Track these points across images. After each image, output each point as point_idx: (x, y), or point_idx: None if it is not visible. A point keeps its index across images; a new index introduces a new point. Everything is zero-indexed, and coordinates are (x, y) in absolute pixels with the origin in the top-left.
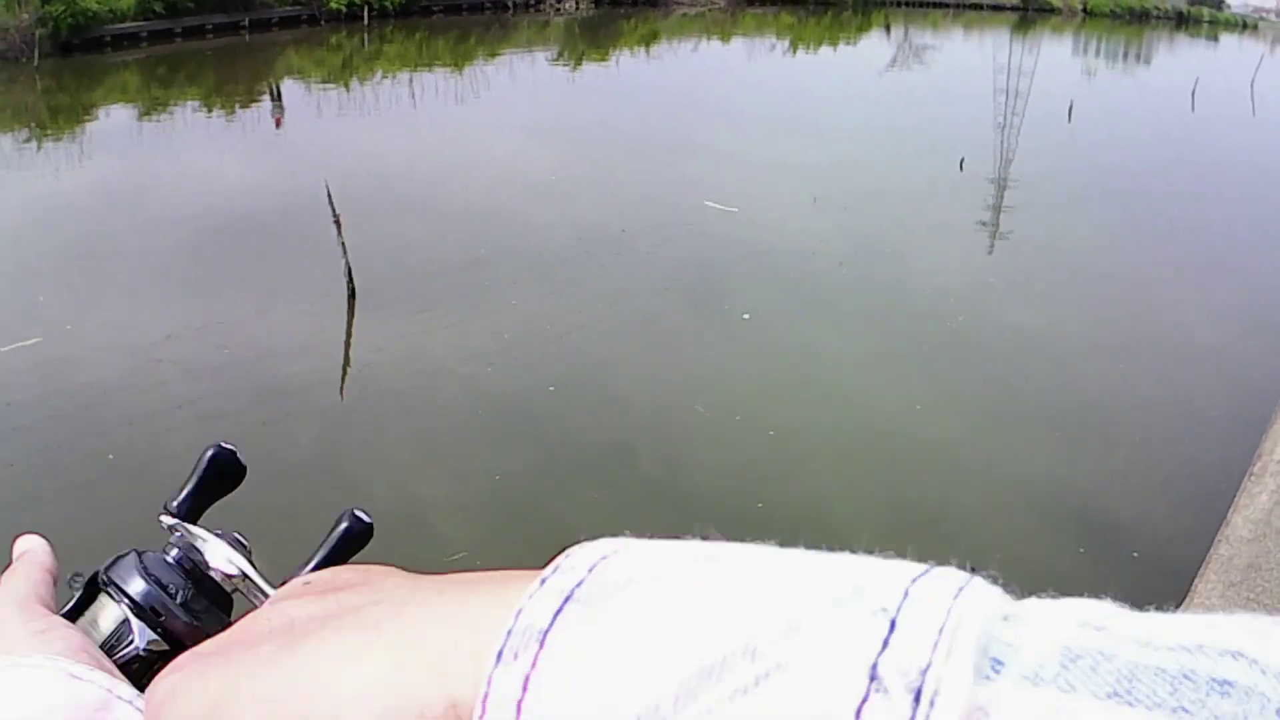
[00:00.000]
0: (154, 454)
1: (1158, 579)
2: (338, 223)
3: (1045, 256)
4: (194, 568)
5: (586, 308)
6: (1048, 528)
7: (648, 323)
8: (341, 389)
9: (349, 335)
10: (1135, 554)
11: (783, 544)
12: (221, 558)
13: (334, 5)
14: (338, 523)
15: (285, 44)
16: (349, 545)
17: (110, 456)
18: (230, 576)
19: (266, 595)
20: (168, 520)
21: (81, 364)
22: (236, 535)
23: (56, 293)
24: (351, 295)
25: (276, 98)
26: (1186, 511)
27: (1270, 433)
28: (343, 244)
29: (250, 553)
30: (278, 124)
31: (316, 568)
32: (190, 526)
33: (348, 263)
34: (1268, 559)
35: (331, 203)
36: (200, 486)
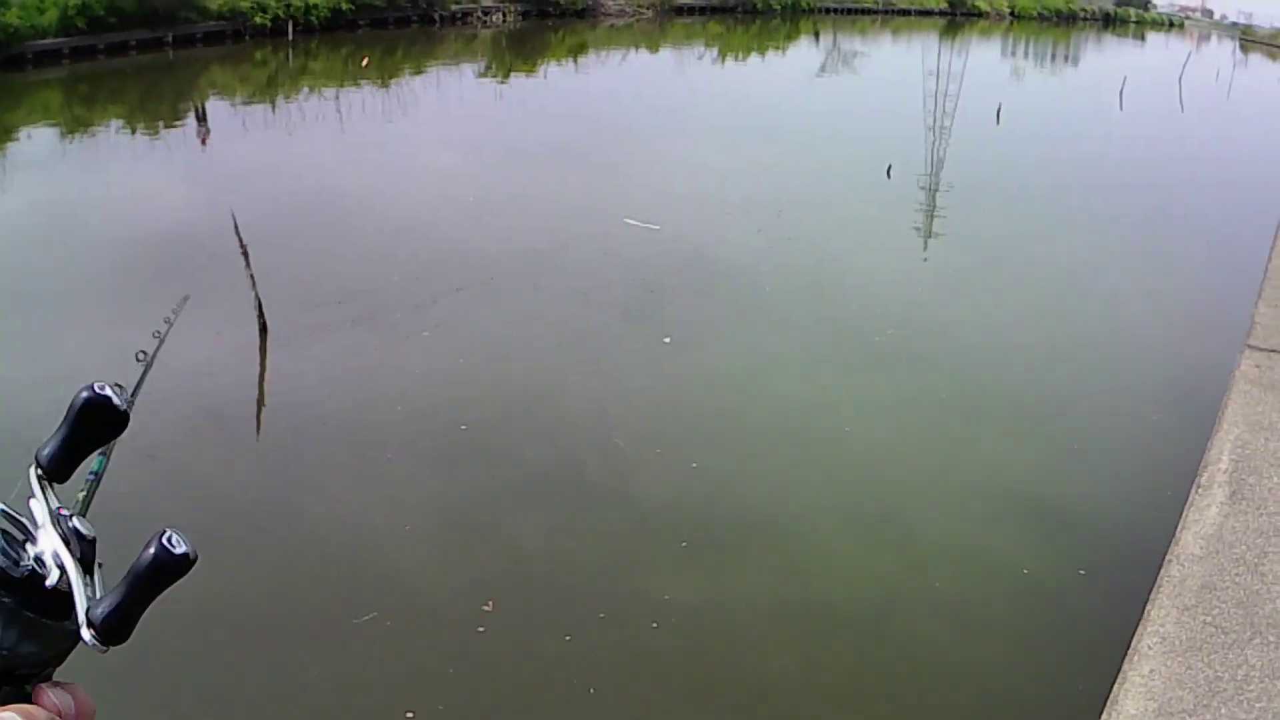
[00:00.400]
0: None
1: (1107, 600)
2: (245, 255)
3: (980, 257)
4: (2, 573)
5: (508, 334)
6: (990, 545)
7: (572, 349)
8: (257, 427)
9: (262, 371)
10: (1081, 571)
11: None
12: (48, 553)
13: (258, 20)
14: (145, 548)
15: (210, 60)
16: (159, 577)
17: None
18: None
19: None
20: (32, 477)
21: None
22: (76, 525)
23: None
24: (263, 330)
25: (201, 117)
26: (1133, 522)
27: (1214, 440)
28: (251, 277)
29: (94, 544)
30: (203, 143)
31: (123, 600)
32: (41, 498)
33: (257, 296)
34: (1222, 577)
35: (239, 234)
36: (70, 437)
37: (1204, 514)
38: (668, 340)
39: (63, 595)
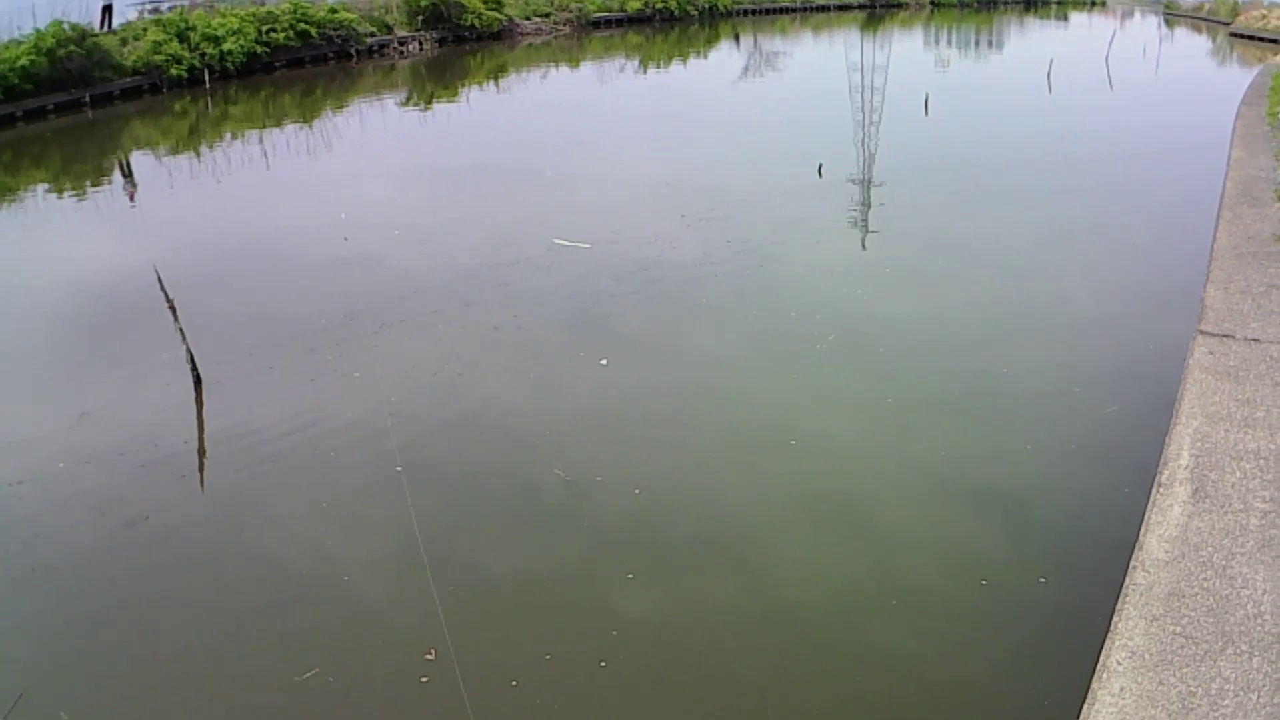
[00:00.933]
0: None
1: (1071, 611)
2: (173, 309)
3: (919, 248)
4: None
5: (442, 365)
6: (952, 548)
7: (510, 375)
8: (201, 481)
9: (200, 423)
10: (1041, 579)
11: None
12: None
13: (174, 72)
14: None
15: (129, 116)
16: None
17: None
18: None
19: None
20: None
21: None
22: None
23: None
24: (197, 382)
25: (127, 173)
26: (1094, 519)
27: (1173, 434)
28: (180, 330)
29: None
30: (131, 198)
31: None
32: None
33: (189, 349)
34: (1190, 583)
35: (164, 289)
36: None
37: (1167, 515)
38: (604, 362)
39: None
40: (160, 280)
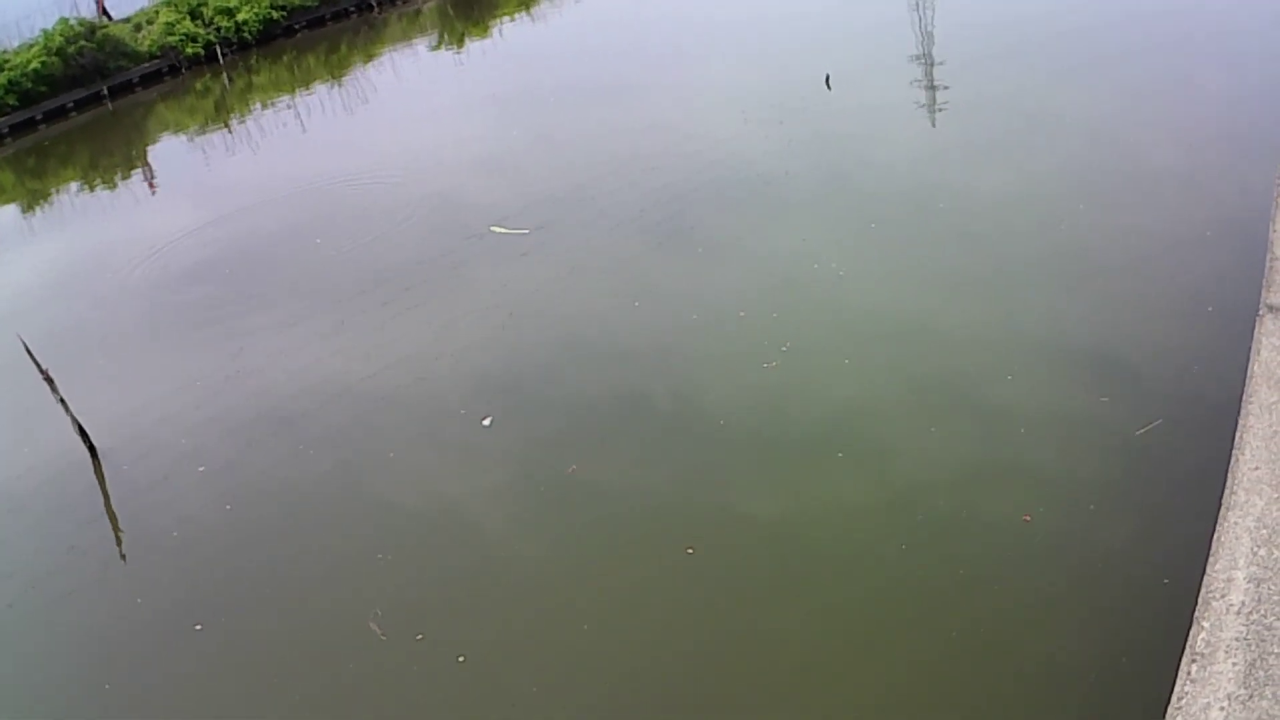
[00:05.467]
0: None
1: (1192, 465)
2: (49, 381)
3: (989, 120)
4: None
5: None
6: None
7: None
8: (120, 550)
9: (105, 495)
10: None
11: None
12: None
13: (190, 51)
14: None
15: (152, 102)
16: None
17: None
18: None
19: None
20: None
21: None
22: None
23: None
24: (92, 452)
25: (143, 163)
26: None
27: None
28: (62, 401)
29: None
30: (151, 189)
31: None
32: None
33: (74, 419)
34: None
35: (35, 360)
36: None
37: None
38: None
39: None
40: (29, 351)
